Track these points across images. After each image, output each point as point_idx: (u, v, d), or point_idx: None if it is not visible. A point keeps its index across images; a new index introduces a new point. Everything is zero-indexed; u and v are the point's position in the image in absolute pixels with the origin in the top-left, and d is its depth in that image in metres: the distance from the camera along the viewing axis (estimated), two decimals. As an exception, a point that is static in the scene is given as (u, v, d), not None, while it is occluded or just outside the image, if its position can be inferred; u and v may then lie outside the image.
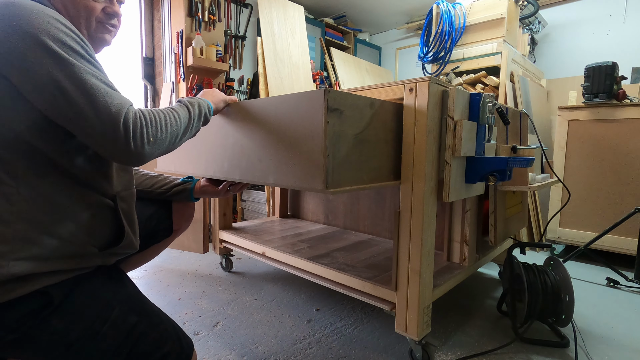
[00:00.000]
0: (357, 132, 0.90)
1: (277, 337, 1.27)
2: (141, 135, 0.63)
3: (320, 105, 0.80)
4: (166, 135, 0.69)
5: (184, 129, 0.76)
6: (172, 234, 1.11)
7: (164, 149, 0.70)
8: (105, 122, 0.59)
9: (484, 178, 1.08)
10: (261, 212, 2.71)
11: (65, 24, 0.63)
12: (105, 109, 0.59)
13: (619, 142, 2.07)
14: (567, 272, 1.25)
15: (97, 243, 0.70)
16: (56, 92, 0.58)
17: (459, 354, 1.19)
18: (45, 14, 0.61)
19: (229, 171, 1.09)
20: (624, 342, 1.29)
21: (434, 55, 2.82)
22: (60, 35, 0.60)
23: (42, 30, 0.59)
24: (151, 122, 0.66)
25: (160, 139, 0.67)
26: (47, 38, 0.59)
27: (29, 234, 0.61)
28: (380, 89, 1.06)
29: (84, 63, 0.61)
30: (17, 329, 0.59)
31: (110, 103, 0.60)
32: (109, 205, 0.73)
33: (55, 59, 0.58)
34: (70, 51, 0.61)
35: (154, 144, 0.66)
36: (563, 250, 2.31)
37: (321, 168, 0.81)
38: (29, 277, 0.60)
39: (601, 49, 3.24)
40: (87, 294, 0.66)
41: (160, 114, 0.70)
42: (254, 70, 3.54)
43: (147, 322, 0.70)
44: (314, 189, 0.84)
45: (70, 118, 0.59)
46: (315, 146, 0.82)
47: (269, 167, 0.95)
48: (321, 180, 0.82)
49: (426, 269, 1.04)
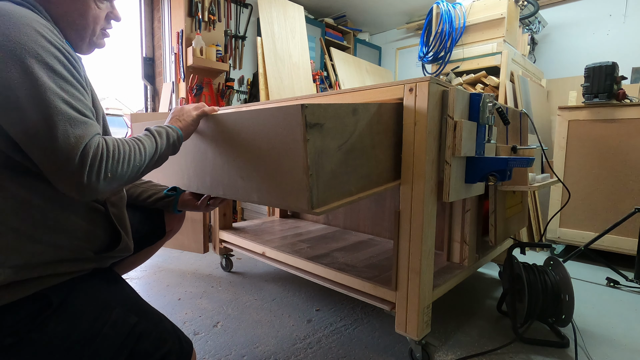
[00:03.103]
0: (341, 142, 0.84)
1: (277, 337, 1.27)
2: (98, 170, 0.58)
3: (298, 122, 0.73)
4: (127, 169, 0.64)
5: (148, 161, 0.71)
6: (165, 235, 1.12)
7: (123, 182, 0.66)
8: (61, 151, 0.55)
9: (484, 178, 1.08)
10: (261, 212, 2.71)
11: (51, 40, 0.60)
12: (64, 138, 0.55)
13: (619, 142, 2.07)
14: (567, 272, 1.25)
15: (92, 247, 0.71)
16: (18, 113, 0.55)
17: (459, 354, 1.19)
18: (30, 26, 0.58)
19: (212, 187, 1.02)
20: (624, 342, 1.29)
21: (434, 55, 2.82)
22: (40, 53, 0.57)
23: (21, 46, 0.56)
24: (112, 156, 0.61)
25: (120, 173, 0.63)
26: (25, 55, 0.56)
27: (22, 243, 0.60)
28: (380, 89, 1.06)
29: (60, 84, 0.58)
30: (14, 333, 0.59)
31: (70, 132, 0.56)
32: (100, 210, 0.73)
33: (26, 79, 0.55)
34: (48, 71, 0.57)
35: (111, 180, 0.61)
36: (563, 250, 2.31)
37: (305, 188, 0.76)
38: (26, 281, 0.60)
39: (601, 49, 3.24)
40: (86, 295, 0.66)
41: (125, 147, 0.65)
42: (254, 70, 3.55)
43: (146, 322, 0.70)
44: (299, 209, 0.79)
45: (27, 142, 0.56)
46: (297, 165, 0.76)
47: (252, 184, 0.89)
48: (306, 201, 0.76)
49: (426, 269, 1.04)
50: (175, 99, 2.82)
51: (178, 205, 1.08)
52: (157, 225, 1.08)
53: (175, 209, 1.07)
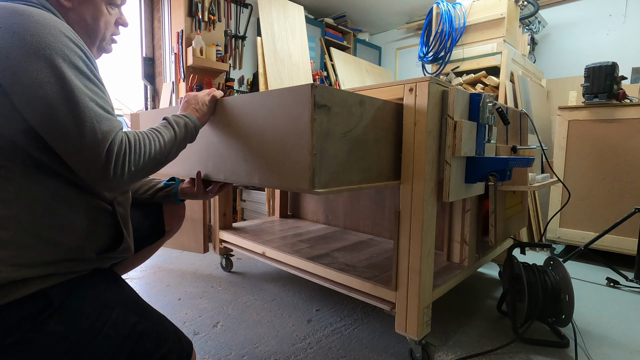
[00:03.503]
0: (346, 130, 0.85)
1: (277, 337, 1.27)
2: (122, 164, 0.62)
3: (307, 100, 0.76)
4: (149, 161, 0.68)
5: (168, 153, 0.75)
6: (165, 235, 1.12)
7: (146, 174, 0.69)
8: (89, 147, 0.58)
9: (484, 178, 1.08)
10: (261, 212, 2.71)
11: (74, 40, 0.63)
12: (92, 134, 0.58)
13: (619, 142, 2.07)
14: (567, 272, 1.25)
15: (95, 248, 0.71)
16: (47, 110, 0.57)
17: (459, 354, 1.19)
18: (55, 27, 0.60)
19: (214, 171, 1.04)
20: (624, 342, 1.29)
21: (434, 55, 2.82)
22: (67, 53, 0.60)
23: (48, 46, 0.58)
24: (135, 150, 0.65)
25: (143, 166, 0.67)
26: (53, 55, 0.58)
27: (27, 240, 0.61)
28: (380, 89, 1.06)
29: (85, 83, 0.61)
30: (15, 332, 0.59)
31: (97, 128, 0.59)
32: (107, 209, 0.73)
33: (55, 78, 0.58)
34: (74, 70, 0.60)
35: (135, 172, 0.65)
36: (563, 250, 2.31)
37: (307, 167, 0.77)
38: (27, 280, 0.60)
39: (601, 49, 3.24)
40: (86, 295, 0.66)
41: (146, 140, 0.68)
42: (254, 70, 3.54)
43: (146, 322, 0.70)
44: (299, 189, 0.80)
45: (55, 138, 0.59)
46: (302, 144, 0.78)
47: (255, 166, 0.91)
48: (307, 180, 0.78)
49: (426, 269, 1.04)
50: (175, 99, 2.82)
51: (179, 195, 1.07)
52: (156, 224, 1.08)
53: (177, 198, 1.07)
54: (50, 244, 0.63)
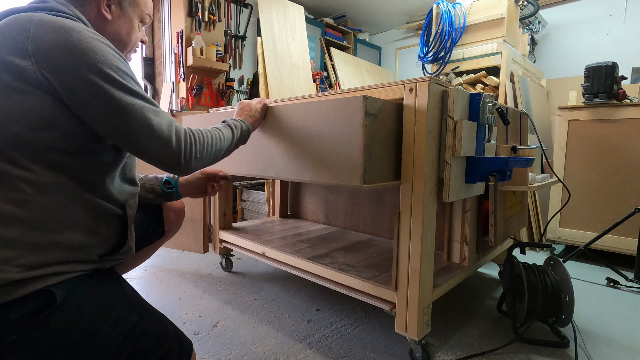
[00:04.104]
0: (386, 134, 0.99)
1: (277, 337, 1.27)
2: (190, 151, 0.74)
3: (359, 110, 0.91)
4: (210, 152, 0.81)
5: (226, 149, 0.89)
6: (164, 235, 1.12)
7: (206, 164, 0.82)
8: (160, 138, 0.69)
9: (484, 178, 1.08)
10: (261, 212, 2.71)
11: (119, 54, 0.70)
12: (159, 127, 0.69)
13: (619, 142, 2.07)
14: (567, 272, 1.25)
15: (101, 250, 0.72)
16: (118, 120, 0.66)
17: (459, 354, 1.19)
18: (105, 44, 0.67)
19: (264, 170, 1.18)
20: (624, 342, 1.29)
21: (434, 55, 2.82)
22: (119, 65, 0.67)
23: (104, 62, 0.65)
24: (198, 140, 0.77)
25: (205, 155, 0.79)
26: (109, 69, 0.65)
27: (37, 240, 0.62)
28: (380, 89, 1.06)
29: (138, 89, 0.69)
30: (17, 330, 0.59)
31: (161, 122, 0.70)
32: (118, 214, 0.76)
33: (118, 90, 0.65)
34: (125, 76, 0.68)
35: (200, 159, 0.78)
36: (563, 250, 2.31)
37: (360, 166, 0.91)
38: (30, 279, 0.60)
39: (601, 49, 3.24)
40: (87, 293, 0.67)
41: (207, 134, 0.81)
42: (254, 70, 3.55)
43: (147, 321, 0.70)
44: (351, 184, 0.94)
45: (127, 140, 0.68)
46: (354, 147, 0.92)
47: (306, 165, 1.05)
48: (359, 177, 0.92)
49: (426, 269, 1.04)
50: (175, 99, 2.82)
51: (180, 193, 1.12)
52: (156, 225, 1.08)
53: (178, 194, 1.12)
54: (58, 246, 0.64)
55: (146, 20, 0.90)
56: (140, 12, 0.86)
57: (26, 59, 0.61)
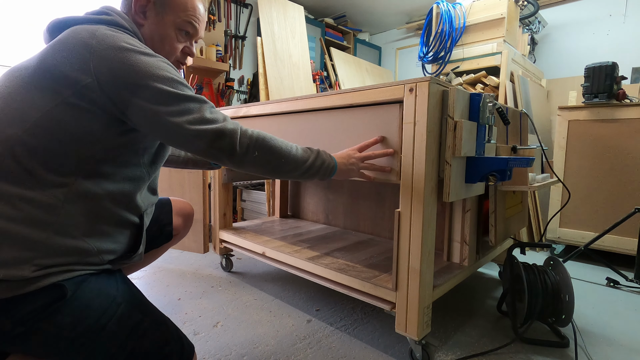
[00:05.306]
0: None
1: (277, 337, 1.27)
2: (247, 147, 0.75)
3: (396, 116, 1.04)
4: (270, 158, 0.79)
5: (289, 166, 0.83)
6: (172, 239, 1.13)
7: (263, 169, 0.79)
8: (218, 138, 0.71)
9: (484, 178, 1.08)
10: (261, 212, 2.71)
11: (164, 60, 0.72)
12: (214, 121, 0.72)
13: (619, 142, 2.07)
14: (567, 272, 1.25)
15: (113, 256, 0.74)
16: (176, 128, 0.68)
17: (459, 354, 1.19)
18: (159, 59, 0.70)
19: None
20: (624, 342, 1.29)
21: (434, 55, 2.82)
22: (173, 76, 0.69)
23: (158, 76, 0.67)
24: (261, 143, 0.77)
25: (266, 158, 0.78)
26: (163, 83, 0.67)
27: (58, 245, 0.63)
28: (380, 89, 1.06)
29: (190, 93, 0.71)
30: (25, 322, 0.60)
31: (214, 115, 0.73)
32: (135, 222, 0.78)
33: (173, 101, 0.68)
34: (185, 88, 0.70)
35: (258, 158, 0.77)
36: (563, 250, 2.31)
37: (397, 165, 1.04)
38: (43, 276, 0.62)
39: (601, 49, 3.24)
40: (94, 290, 0.68)
41: (275, 143, 0.80)
42: (254, 70, 3.55)
43: (150, 321, 0.70)
44: (388, 180, 1.08)
45: (188, 145, 0.70)
46: (391, 147, 1.05)
47: None
48: (395, 174, 1.05)
49: (426, 269, 1.04)
50: (175, 99, 2.82)
51: None
52: (164, 229, 1.09)
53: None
54: (76, 251, 0.66)
55: (188, 28, 0.82)
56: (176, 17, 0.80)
57: (88, 75, 0.63)
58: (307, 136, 1.32)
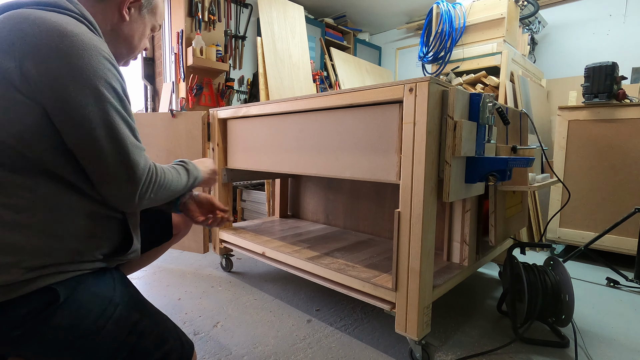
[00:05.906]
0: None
1: (277, 337, 1.27)
2: (146, 191, 0.69)
3: (396, 116, 1.05)
4: (165, 195, 0.76)
5: (178, 192, 0.83)
6: (172, 238, 1.12)
7: (157, 204, 0.77)
8: (123, 174, 0.65)
9: (484, 178, 1.08)
10: (261, 212, 2.71)
11: (112, 62, 0.67)
12: (127, 162, 0.65)
13: (619, 142, 2.07)
14: (567, 272, 1.25)
15: (104, 251, 0.73)
16: (87, 132, 0.62)
17: (459, 354, 1.19)
18: (97, 49, 0.63)
19: (306, 167, 1.33)
20: (624, 342, 1.29)
21: (434, 55, 2.82)
22: (109, 77, 0.64)
23: (93, 70, 0.62)
24: (159, 183, 0.73)
25: (159, 197, 0.74)
26: (96, 80, 0.62)
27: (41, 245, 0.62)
28: (380, 89, 1.06)
29: (123, 111, 0.66)
30: (22, 325, 0.60)
31: (133, 158, 0.65)
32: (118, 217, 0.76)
33: (98, 105, 0.62)
34: (113, 93, 0.65)
35: (152, 200, 0.72)
36: (563, 250, 2.31)
37: (396, 164, 1.06)
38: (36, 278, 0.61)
39: (601, 49, 3.24)
40: (91, 291, 0.67)
41: (169, 176, 0.77)
42: (254, 70, 3.55)
43: (148, 320, 0.70)
44: (387, 180, 1.08)
45: (91, 159, 0.63)
46: (391, 148, 1.06)
47: (345, 163, 1.19)
48: (396, 174, 1.06)
49: (426, 269, 1.04)
50: (175, 99, 2.82)
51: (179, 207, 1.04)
52: (164, 228, 1.09)
53: (177, 208, 1.04)
54: (62, 249, 0.65)
55: (156, 30, 0.92)
56: (154, 21, 0.88)
57: (11, 61, 0.58)
58: (307, 136, 1.32)
